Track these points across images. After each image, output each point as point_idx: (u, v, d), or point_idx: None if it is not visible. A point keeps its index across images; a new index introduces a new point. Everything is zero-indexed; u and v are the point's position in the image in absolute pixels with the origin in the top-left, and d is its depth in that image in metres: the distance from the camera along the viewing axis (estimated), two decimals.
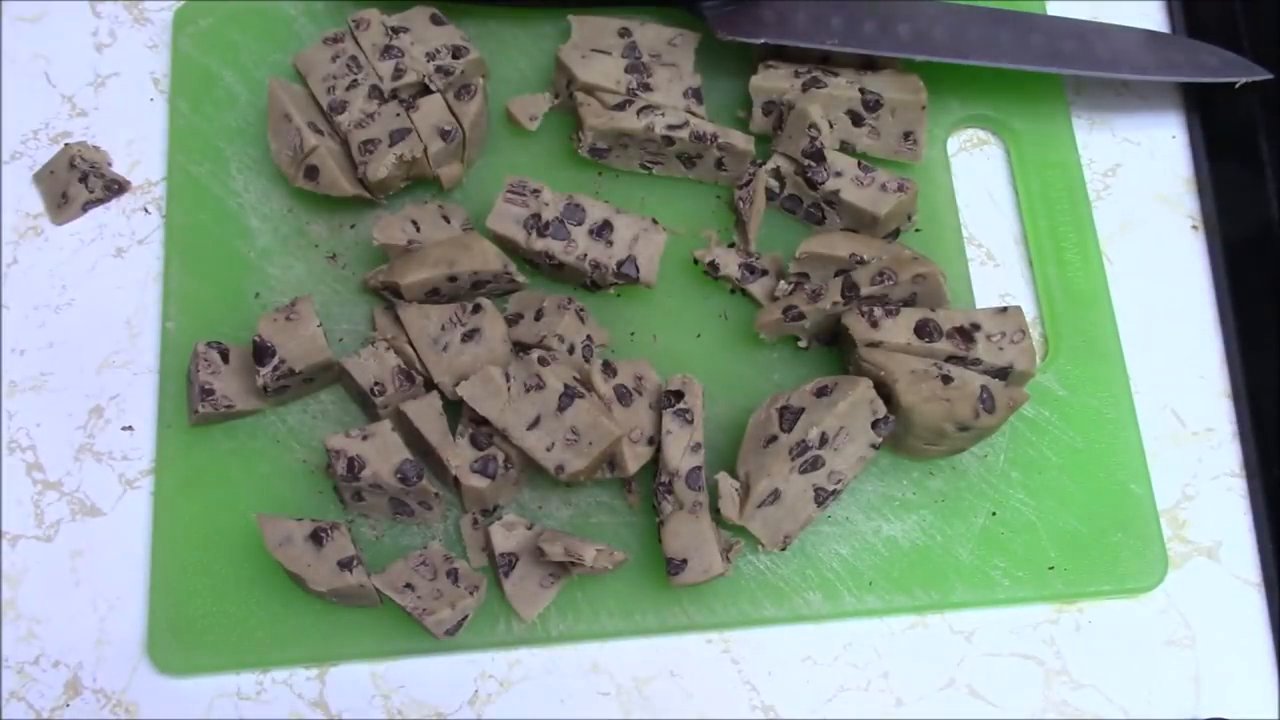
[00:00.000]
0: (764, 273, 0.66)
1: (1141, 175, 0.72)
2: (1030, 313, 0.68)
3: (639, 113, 0.66)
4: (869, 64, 0.69)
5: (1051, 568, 0.62)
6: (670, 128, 0.66)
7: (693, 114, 0.67)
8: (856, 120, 0.67)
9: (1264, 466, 0.65)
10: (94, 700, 0.61)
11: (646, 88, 0.67)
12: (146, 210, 0.69)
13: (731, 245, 0.67)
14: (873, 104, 0.67)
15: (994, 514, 0.63)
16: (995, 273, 0.69)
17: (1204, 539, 0.65)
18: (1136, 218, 0.71)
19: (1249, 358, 0.67)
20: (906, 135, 0.68)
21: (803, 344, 0.65)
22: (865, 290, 0.62)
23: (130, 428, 0.65)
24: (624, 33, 0.69)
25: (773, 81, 0.68)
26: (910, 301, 0.63)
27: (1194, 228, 0.71)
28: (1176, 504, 0.65)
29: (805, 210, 0.67)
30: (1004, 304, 0.66)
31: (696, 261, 0.66)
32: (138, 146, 0.70)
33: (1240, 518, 0.65)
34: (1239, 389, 0.67)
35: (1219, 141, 0.71)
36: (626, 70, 0.67)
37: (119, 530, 0.63)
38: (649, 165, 0.69)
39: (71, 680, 0.61)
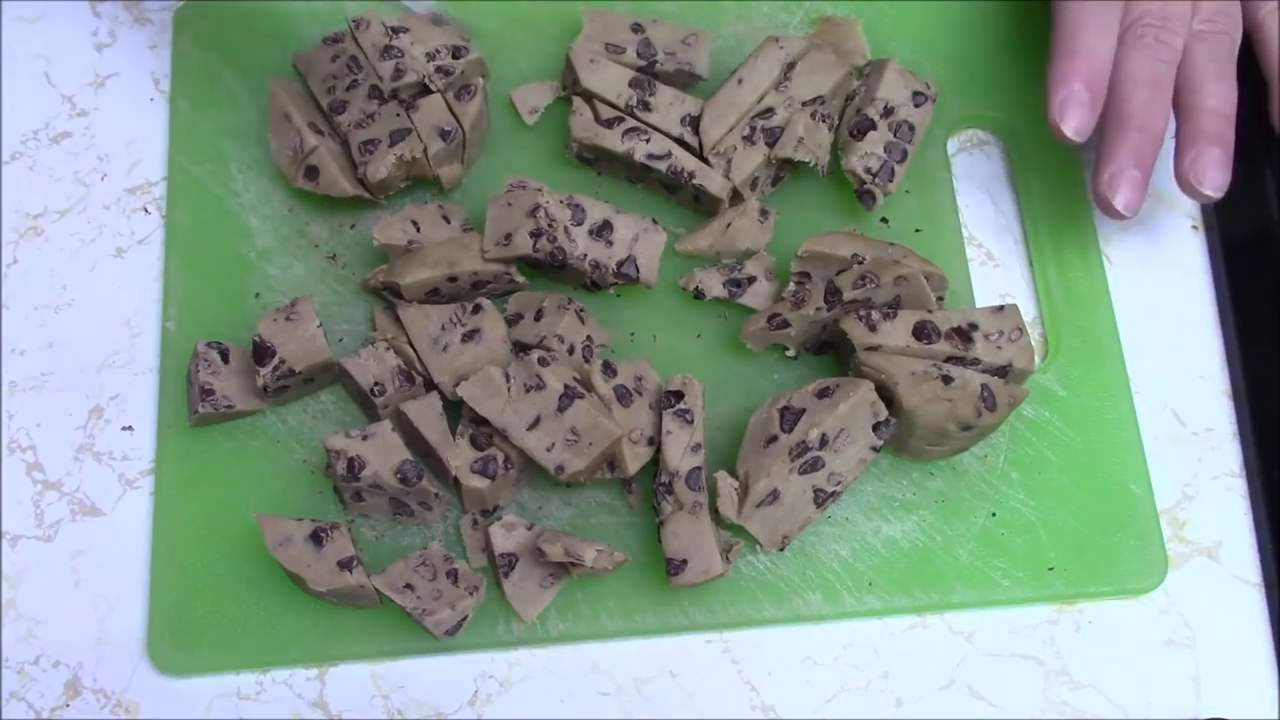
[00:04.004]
0: (751, 280, 0.66)
1: None
2: (1030, 313, 0.68)
3: (624, 135, 0.66)
4: None
5: (1051, 568, 0.62)
6: (650, 157, 0.66)
7: (685, 143, 0.66)
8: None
9: (1264, 466, 0.65)
10: (94, 700, 0.61)
11: (646, 106, 0.67)
12: (146, 210, 0.69)
13: (712, 264, 0.67)
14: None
15: (994, 514, 0.63)
16: (995, 272, 0.69)
17: (1204, 539, 0.65)
18: (1137, 218, 0.70)
19: (1249, 358, 0.67)
20: None
21: (791, 353, 0.65)
22: (848, 295, 0.62)
23: (130, 428, 0.65)
24: (636, 29, 0.69)
25: None
26: (895, 304, 0.63)
27: (1194, 228, 0.71)
28: (1176, 504, 0.65)
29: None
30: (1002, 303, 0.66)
31: (684, 288, 0.66)
32: (138, 146, 0.70)
33: (1240, 518, 0.65)
34: (1239, 389, 0.67)
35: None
36: (631, 84, 0.67)
37: (119, 530, 0.63)
38: (634, 181, 0.69)
39: (71, 680, 0.61)
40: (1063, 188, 0.70)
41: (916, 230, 0.68)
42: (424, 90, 0.67)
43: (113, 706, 0.61)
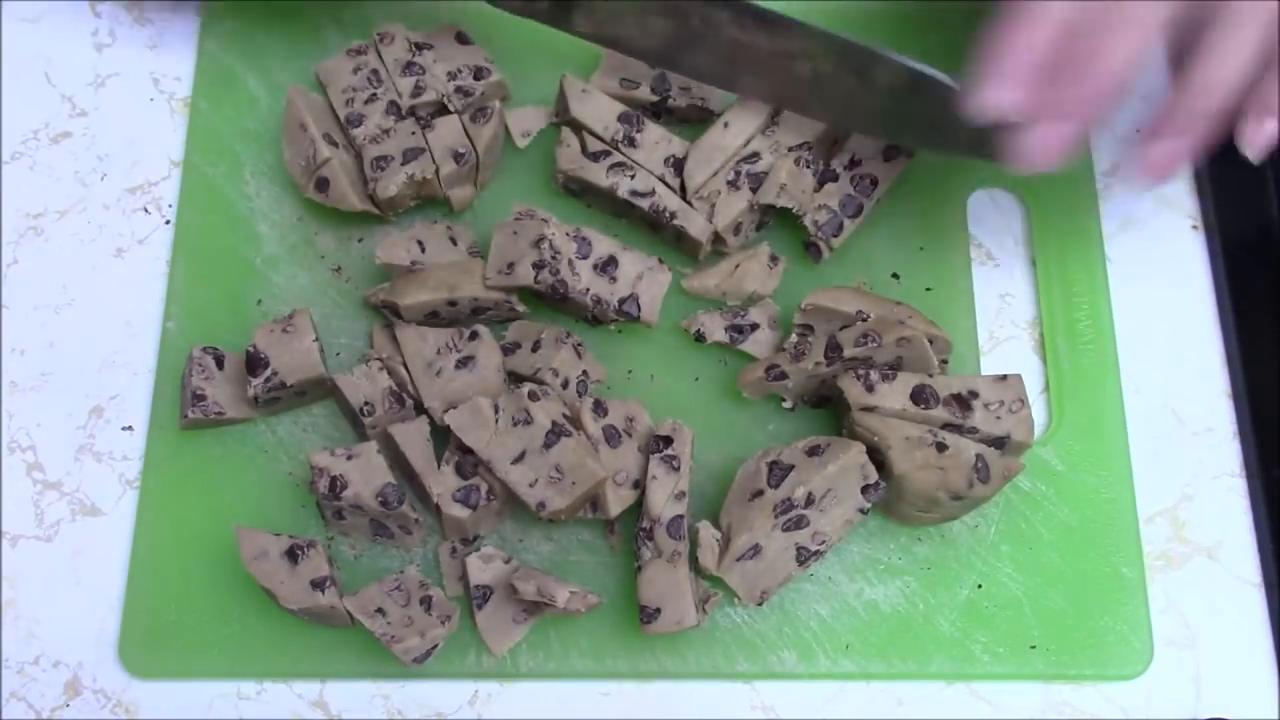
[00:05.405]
0: (754, 326, 0.65)
1: None
2: (1037, 383, 0.66)
3: (610, 169, 0.65)
4: None
5: (1034, 646, 0.61)
6: (634, 193, 0.65)
7: (667, 184, 0.66)
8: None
9: (1264, 466, 0.65)
10: (94, 700, 0.60)
11: (631, 142, 0.66)
12: (146, 210, 0.69)
13: (716, 307, 0.66)
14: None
15: (980, 586, 0.62)
16: (995, 272, 0.68)
17: (1204, 539, 0.64)
18: (1136, 218, 0.70)
19: (1249, 358, 0.67)
20: None
21: (788, 404, 0.64)
22: (849, 352, 0.61)
23: (130, 428, 0.65)
24: None
25: None
26: (896, 364, 0.62)
27: (1194, 228, 0.70)
28: (1176, 504, 0.64)
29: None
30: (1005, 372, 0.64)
31: (686, 329, 0.65)
32: (137, 146, 0.70)
33: (1240, 518, 0.65)
34: (1239, 389, 0.67)
35: (1219, 142, 0.70)
36: (620, 119, 0.66)
37: (119, 530, 0.63)
38: (619, 215, 0.68)
39: (71, 680, 0.61)
40: (1081, 253, 0.68)
41: (927, 289, 0.67)
42: (442, 110, 0.67)
43: (113, 707, 0.60)
